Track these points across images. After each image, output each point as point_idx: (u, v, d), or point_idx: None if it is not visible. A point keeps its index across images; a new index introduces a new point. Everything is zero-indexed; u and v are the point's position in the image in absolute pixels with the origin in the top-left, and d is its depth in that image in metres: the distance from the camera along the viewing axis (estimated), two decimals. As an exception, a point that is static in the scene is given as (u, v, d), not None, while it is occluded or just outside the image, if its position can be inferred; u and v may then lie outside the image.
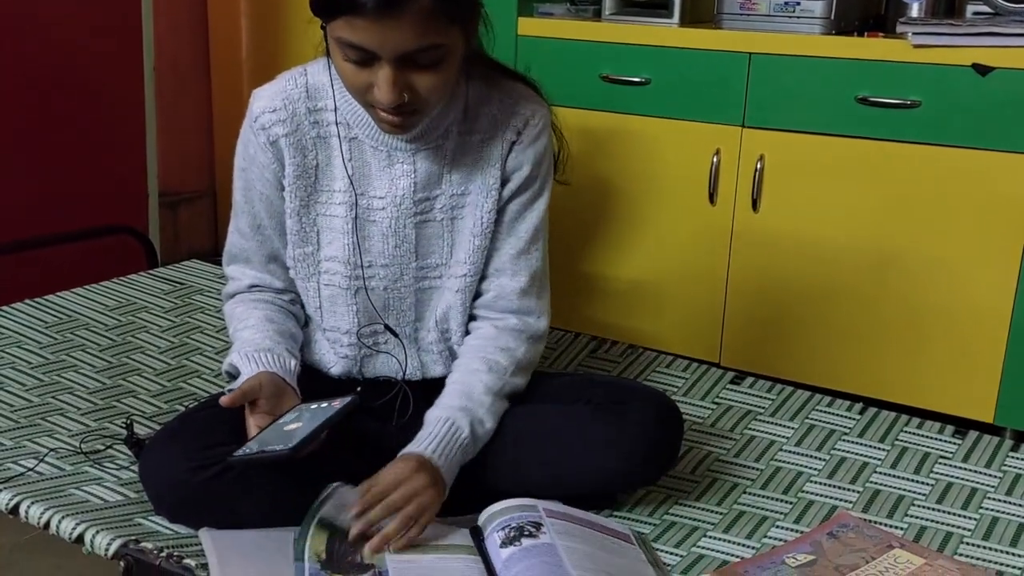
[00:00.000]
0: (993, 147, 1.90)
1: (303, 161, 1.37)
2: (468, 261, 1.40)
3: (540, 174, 1.42)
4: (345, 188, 1.37)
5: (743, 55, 2.10)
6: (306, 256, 1.41)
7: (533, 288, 1.43)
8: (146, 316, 1.94)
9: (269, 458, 1.17)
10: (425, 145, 1.37)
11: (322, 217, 1.39)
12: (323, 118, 1.37)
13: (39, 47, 2.41)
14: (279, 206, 1.40)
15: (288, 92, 1.37)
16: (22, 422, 1.52)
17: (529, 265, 1.42)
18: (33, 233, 2.27)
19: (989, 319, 1.96)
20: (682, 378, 1.81)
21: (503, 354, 1.39)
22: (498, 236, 1.42)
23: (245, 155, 1.40)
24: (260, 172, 1.39)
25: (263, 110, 1.36)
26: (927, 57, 1.92)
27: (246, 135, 1.39)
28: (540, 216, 1.43)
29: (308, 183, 1.38)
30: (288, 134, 1.36)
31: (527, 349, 1.42)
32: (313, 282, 1.42)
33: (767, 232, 2.14)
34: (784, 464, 1.55)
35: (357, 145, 1.37)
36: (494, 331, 1.41)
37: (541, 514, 1.26)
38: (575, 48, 2.28)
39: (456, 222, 1.40)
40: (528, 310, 1.43)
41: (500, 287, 1.42)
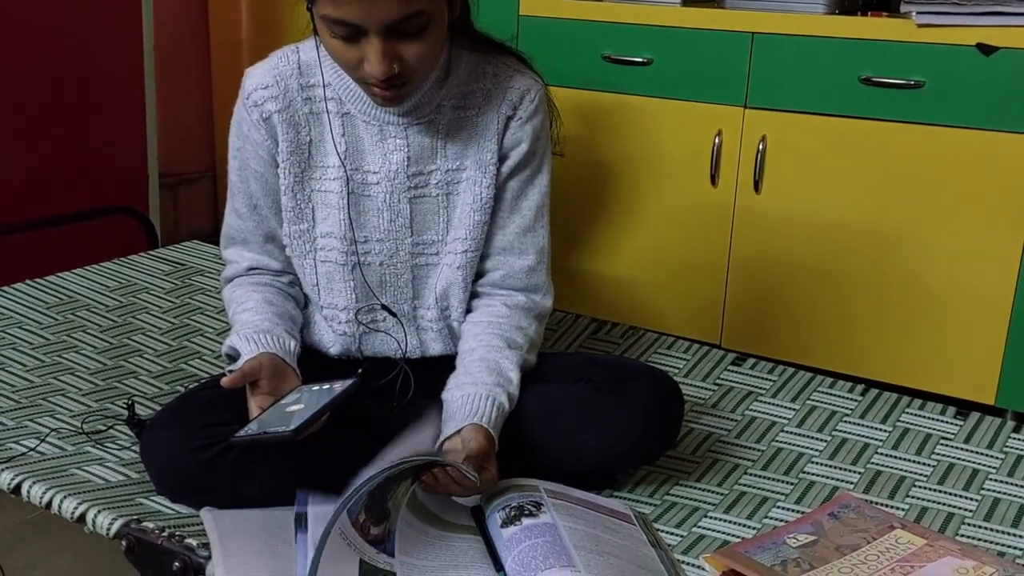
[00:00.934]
0: (997, 128, 1.89)
1: (296, 137, 1.37)
2: (469, 237, 1.40)
3: (539, 150, 1.42)
4: (339, 163, 1.37)
5: (746, 35, 2.09)
6: (302, 233, 1.40)
7: (541, 265, 1.44)
8: (147, 297, 1.94)
9: (271, 439, 1.16)
10: (417, 119, 1.36)
11: (317, 193, 1.39)
12: (315, 94, 1.37)
13: (38, 28, 2.40)
14: (274, 184, 1.40)
15: (280, 69, 1.37)
16: (23, 402, 1.52)
17: (536, 243, 1.43)
18: (34, 214, 2.27)
19: (991, 300, 1.95)
20: (683, 359, 1.81)
21: (519, 332, 1.40)
22: (502, 214, 1.42)
23: (239, 134, 1.40)
24: (254, 150, 1.39)
25: (255, 87, 1.36)
26: (931, 37, 1.91)
27: (239, 114, 1.39)
28: (543, 192, 1.43)
29: (302, 159, 1.38)
30: (281, 110, 1.36)
31: (537, 328, 1.43)
32: (310, 259, 1.41)
33: (769, 213, 2.13)
34: (785, 445, 1.55)
35: (349, 120, 1.37)
36: (506, 310, 1.41)
37: (542, 494, 1.26)
38: (577, 28, 2.27)
39: (452, 198, 1.40)
40: (536, 287, 1.44)
41: (508, 266, 1.42)
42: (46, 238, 2.26)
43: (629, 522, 1.30)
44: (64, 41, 2.46)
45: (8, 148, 2.38)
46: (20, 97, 2.39)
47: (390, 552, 1.14)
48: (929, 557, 1.21)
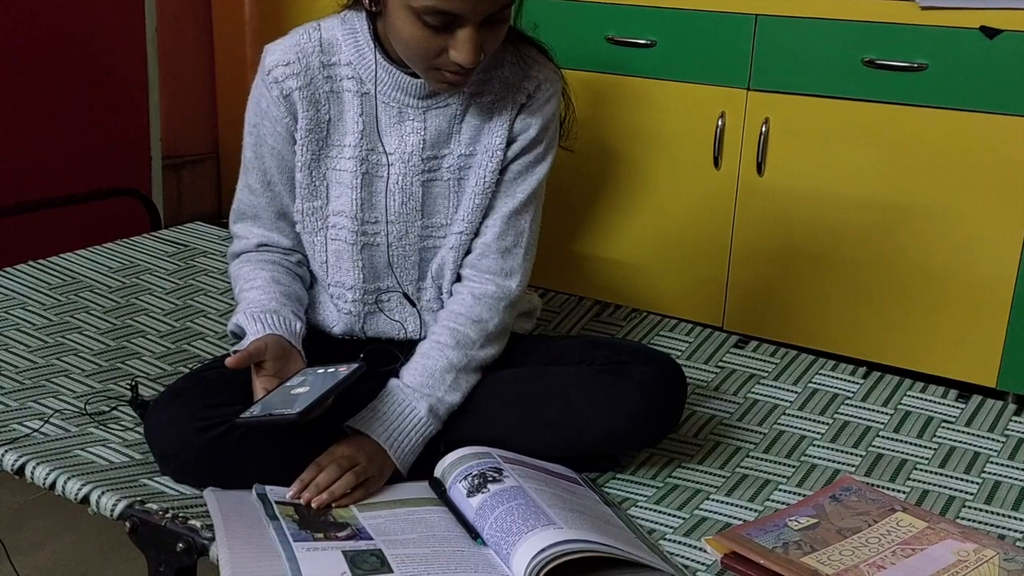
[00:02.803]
0: (1000, 111, 1.89)
1: (316, 115, 1.37)
2: (466, 219, 1.40)
3: (545, 139, 1.42)
4: (356, 143, 1.37)
5: (749, 17, 2.08)
6: (314, 210, 1.41)
7: (518, 250, 1.42)
8: (150, 278, 1.94)
9: (276, 422, 1.17)
10: (436, 104, 1.37)
11: (332, 172, 1.40)
12: (336, 73, 1.37)
13: (41, 10, 2.39)
14: (289, 160, 1.40)
15: (302, 46, 1.37)
16: (27, 384, 1.53)
17: (517, 226, 1.42)
18: (37, 195, 2.27)
19: (993, 283, 1.95)
20: (686, 342, 1.82)
21: (474, 327, 1.38)
22: (496, 194, 1.42)
23: (257, 110, 1.40)
24: (272, 126, 1.38)
25: (276, 63, 1.36)
26: (935, 19, 1.90)
27: (258, 89, 1.39)
28: (539, 180, 1.43)
29: (320, 136, 1.38)
30: (301, 87, 1.36)
31: (501, 319, 1.41)
32: (320, 236, 1.42)
33: (772, 196, 2.13)
34: (787, 428, 1.55)
35: (369, 100, 1.37)
36: (471, 299, 1.40)
37: (498, 460, 1.28)
38: (581, 9, 2.26)
39: (462, 183, 1.41)
40: (508, 272, 1.42)
41: (485, 245, 1.41)
42: (50, 219, 2.26)
43: (577, 484, 1.32)
44: (68, 23, 2.45)
45: (12, 129, 2.37)
46: (23, 79, 2.39)
47: (367, 538, 1.15)
48: (930, 540, 1.22)
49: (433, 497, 1.26)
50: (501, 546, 1.13)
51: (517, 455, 1.33)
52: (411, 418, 1.31)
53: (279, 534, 1.14)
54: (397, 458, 1.29)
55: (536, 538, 1.11)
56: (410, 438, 1.31)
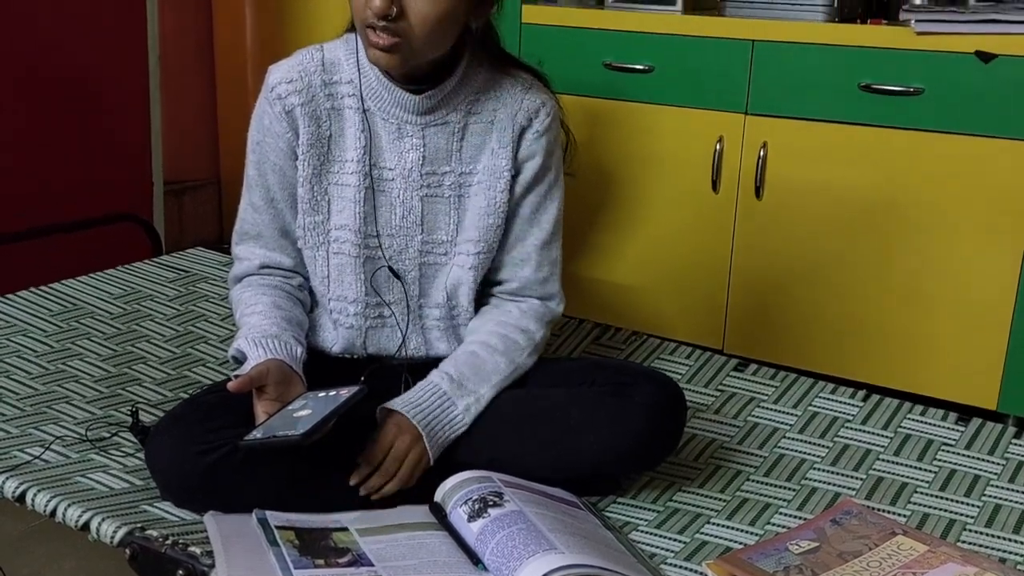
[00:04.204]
0: (996, 134, 1.90)
1: (317, 131, 1.40)
2: (482, 239, 1.43)
3: (553, 164, 1.46)
4: (357, 158, 1.40)
5: (746, 42, 2.09)
6: (316, 225, 1.43)
7: (554, 276, 1.49)
8: (151, 304, 1.95)
9: (278, 444, 1.17)
10: (434, 121, 1.40)
11: (333, 187, 1.42)
12: (337, 91, 1.41)
13: (44, 37, 2.41)
14: (292, 177, 1.42)
15: (304, 65, 1.41)
16: (28, 410, 1.53)
17: (551, 256, 1.49)
18: (39, 221, 2.27)
19: (992, 306, 1.96)
20: (686, 365, 1.82)
21: (523, 336, 1.44)
22: (521, 227, 1.46)
23: (260, 127, 1.43)
24: (275, 142, 1.41)
25: (279, 81, 1.40)
26: (930, 44, 1.92)
27: (262, 107, 1.43)
28: (559, 206, 1.48)
29: (321, 152, 1.41)
30: (304, 103, 1.39)
31: (544, 333, 1.48)
32: (322, 251, 1.44)
33: (770, 219, 2.14)
34: (787, 451, 1.55)
35: (370, 117, 1.40)
36: (518, 312, 1.47)
37: (499, 484, 1.28)
38: (579, 36, 2.28)
39: (464, 200, 1.43)
40: (550, 296, 1.50)
41: (524, 279, 1.47)
42: (51, 246, 2.27)
43: (578, 508, 1.32)
44: (70, 50, 2.47)
45: (13, 156, 2.39)
46: (26, 105, 2.40)
47: (368, 564, 1.15)
48: (931, 563, 1.22)
49: (434, 522, 1.26)
50: (502, 571, 1.13)
51: (518, 479, 1.33)
52: (450, 414, 1.35)
53: (279, 560, 1.14)
54: (432, 449, 1.33)
55: (538, 563, 1.10)
56: (445, 433, 1.34)
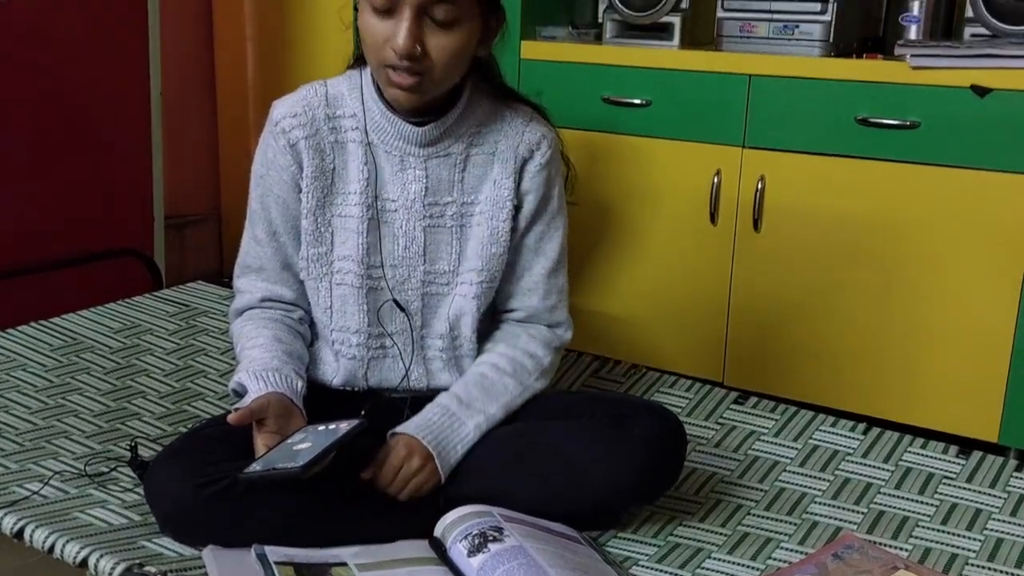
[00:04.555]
0: (992, 167, 1.91)
1: (321, 163, 1.42)
2: (485, 268, 1.45)
3: (555, 195, 1.49)
4: (360, 190, 1.42)
5: (743, 77, 2.11)
6: (319, 256, 1.44)
7: (561, 304, 1.52)
8: (151, 338, 1.95)
9: (278, 476, 1.17)
10: (437, 152, 1.42)
11: (337, 218, 1.44)
12: (341, 124, 1.43)
13: (47, 71, 2.43)
14: (295, 210, 1.44)
15: (308, 99, 1.43)
16: (27, 445, 1.52)
17: (558, 284, 1.51)
18: (39, 256, 2.28)
19: (992, 338, 1.96)
20: (685, 398, 1.82)
21: (531, 360, 1.47)
22: (527, 257, 1.48)
23: (264, 160, 1.45)
24: (279, 175, 1.43)
25: (284, 115, 1.42)
26: (926, 79, 1.93)
27: (265, 141, 1.44)
28: (563, 234, 1.51)
29: (325, 184, 1.43)
30: (308, 137, 1.41)
31: (552, 359, 1.51)
32: (325, 282, 1.45)
33: (769, 252, 2.15)
34: (788, 485, 1.55)
35: (372, 150, 1.42)
36: (526, 337, 1.49)
37: (499, 519, 1.27)
38: (577, 71, 2.30)
39: (466, 230, 1.45)
40: (558, 323, 1.52)
41: (532, 307, 1.50)
42: (52, 280, 2.28)
43: (578, 543, 1.32)
44: (73, 86, 2.49)
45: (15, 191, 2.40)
46: (28, 140, 2.42)
47: None
48: (933, 598, 1.21)
49: (433, 557, 1.26)
50: (502, 607, 1.12)
51: (518, 514, 1.33)
52: (459, 432, 1.37)
53: None
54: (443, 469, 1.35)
55: (537, 598, 1.10)
56: (456, 451, 1.36)
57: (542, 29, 2.37)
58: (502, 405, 1.41)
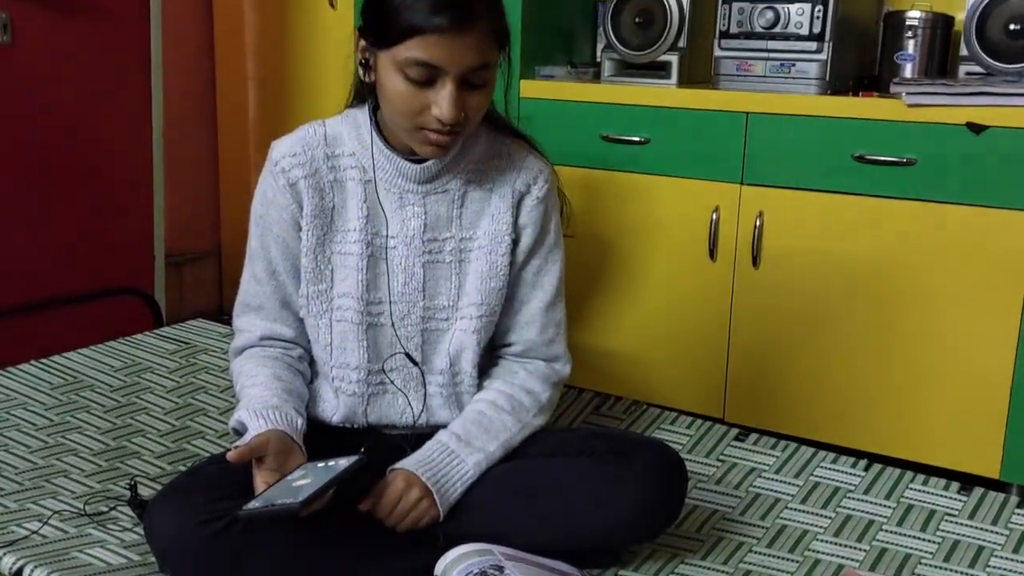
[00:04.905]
0: (989, 204, 1.92)
1: (320, 202, 1.43)
2: (485, 302, 1.45)
3: (552, 228, 1.49)
4: (359, 228, 1.43)
5: (740, 114, 2.13)
6: (319, 293, 1.45)
7: (559, 337, 1.52)
8: (151, 377, 1.95)
9: (277, 512, 1.17)
10: (435, 189, 1.43)
11: (337, 255, 1.44)
12: (339, 163, 1.44)
13: (50, 111, 2.45)
14: (294, 248, 1.45)
15: (307, 139, 1.44)
16: (26, 484, 1.52)
17: (555, 317, 1.51)
18: (40, 294, 2.29)
19: (991, 373, 1.96)
20: (686, 435, 1.81)
21: (528, 397, 1.46)
22: (524, 290, 1.49)
23: (264, 200, 1.45)
24: (278, 214, 1.44)
25: (283, 155, 1.43)
26: (921, 116, 1.95)
27: (265, 181, 1.45)
28: (560, 268, 1.51)
29: (324, 223, 1.44)
30: (307, 176, 1.42)
31: (551, 394, 1.50)
32: (325, 319, 1.45)
33: (768, 288, 2.15)
34: (790, 522, 1.54)
35: (371, 188, 1.43)
36: (524, 373, 1.49)
37: (499, 557, 1.27)
38: (576, 109, 2.32)
39: (464, 265, 1.45)
40: (555, 357, 1.52)
41: (529, 341, 1.50)
42: (52, 318, 2.28)
43: None
44: (76, 125, 2.51)
45: (16, 229, 2.41)
46: (30, 179, 2.43)
47: None
48: (936, 636, 1.20)
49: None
50: (503, 646, 1.11)
51: (518, 552, 1.32)
52: (459, 470, 1.37)
53: None
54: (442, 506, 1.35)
55: (538, 638, 1.09)
56: (455, 488, 1.36)
57: (541, 68, 2.40)
58: (501, 443, 1.41)
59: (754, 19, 2.14)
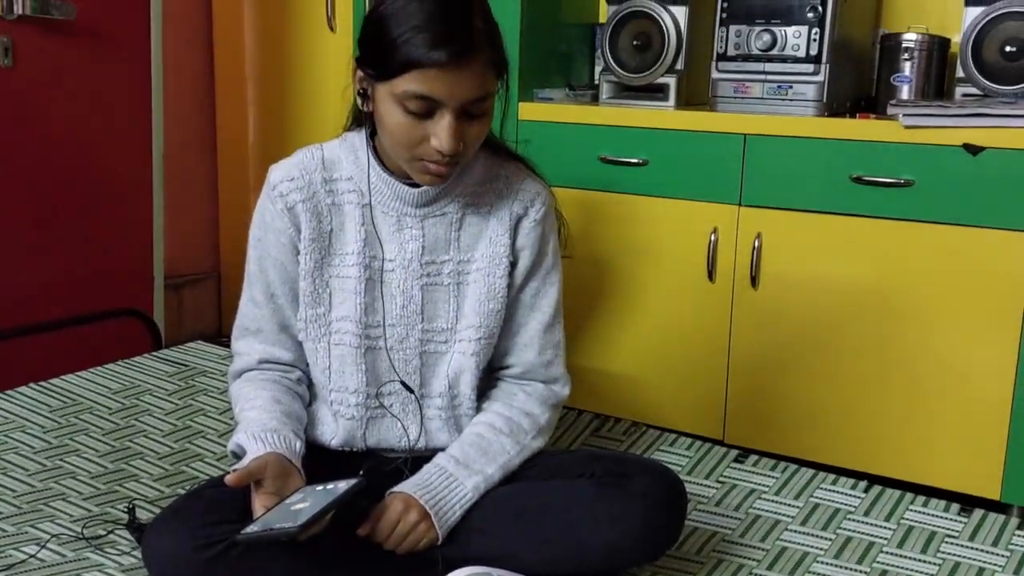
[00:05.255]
0: (986, 224, 1.93)
1: (318, 226, 1.43)
2: (483, 325, 1.45)
3: (550, 250, 1.49)
4: (358, 251, 1.43)
5: (738, 136, 2.14)
6: (318, 317, 1.44)
7: (558, 359, 1.51)
8: (150, 399, 1.95)
9: (275, 536, 1.16)
10: (433, 212, 1.43)
11: (335, 279, 1.44)
12: (337, 187, 1.44)
13: (51, 134, 2.46)
14: (292, 272, 1.45)
15: (305, 163, 1.44)
16: (24, 508, 1.52)
17: (553, 339, 1.51)
18: (39, 317, 2.29)
19: (991, 394, 1.96)
20: (686, 456, 1.81)
21: (527, 419, 1.46)
22: (523, 312, 1.48)
23: (261, 223, 1.46)
24: (276, 238, 1.44)
25: (281, 179, 1.43)
26: (918, 137, 1.96)
27: (263, 204, 1.46)
28: (558, 289, 1.51)
29: (322, 246, 1.44)
30: (305, 200, 1.42)
31: (550, 416, 1.50)
32: (323, 343, 1.45)
33: (767, 309, 2.15)
34: (790, 544, 1.54)
35: (369, 211, 1.43)
36: (523, 396, 1.49)
37: None
38: (574, 131, 2.33)
39: (462, 288, 1.45)
40: (554, 379, 1.51)
41: (528, 363, 1.49)
42: (51, 341, 2.28)
43: None
44: (76, 148, 2.52)
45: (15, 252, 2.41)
46: (29, 200, 2.44)
47: None
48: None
49: None
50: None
51: (517, 575, 1.31)
52: (458, 493, 1.37)
53: None
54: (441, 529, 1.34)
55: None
56: (454, 511, 1.36)
57: (539, 91, 2.41)
58: (500, 466, 1.41)
59: (751, 41, 2.16)
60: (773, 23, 2.13)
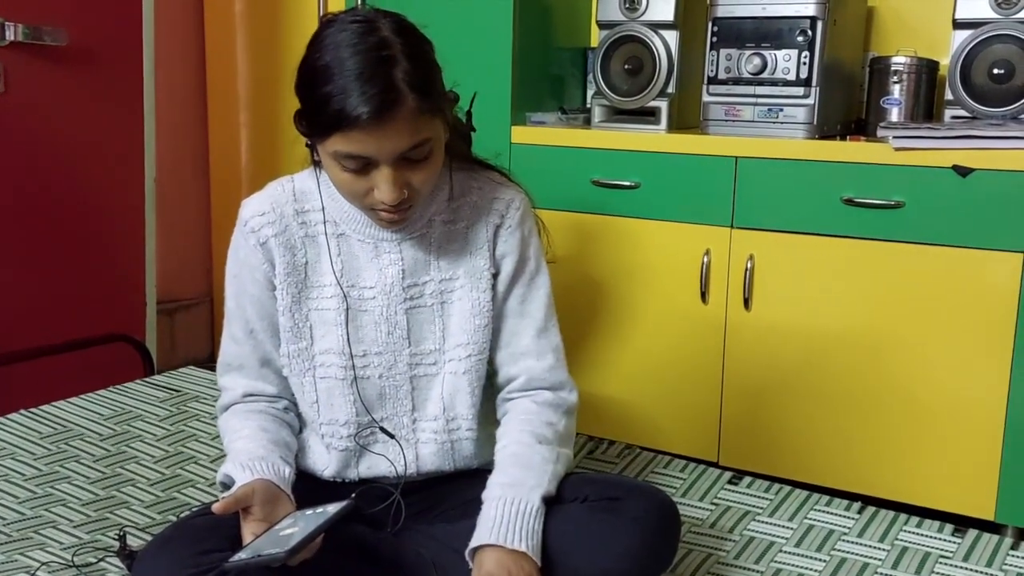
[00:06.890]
0: (976, 245, 1.93)
1: (292, 259, 1.41)
2: (471, 341, 1.43)
3: (532, 254, 1.47)
4: (335, 282, 1.41)
5: (729, 159, 2.15)
6: (300, 352, 1.43)
7: (560, 363, 1.47)
8: (141, 425, 1.94)
9: (265, 562, 1.15)
10: (410, 235, 1.42)
11: (314, 312, 1.43)
12: (310, 219, 1.42)
13: (43, 158, 2.47)
14: (270, 307, 1.43)
15: (276, 197, 1.43)
16: (14, 535, 1.51)
17: (551, 343, 1.46)
18: (30, 342, 2.28)
19: (984, 414, 1.96)
20: (680, 478, 1.81)
21: (548, 428, 1.41)
22: (512, 320, 1.45)
23: (236, 260, 1.44)
24: (251, 274, 1.42)
25: (252, 214, 1.42)
26: (908, 159, 1.97)
27: (236, 241, 1.44)
28: (547, 292, 1.48)
29: (299, 280, 1.42)
30: (277, 234, 1.41)
31: (566, 423, 1.45)
32: (309, 377, 1.43)
33: (760, 330, 2.16)
34: (784, 566, 1.53)
35: (345, 240, 1.42)
36: (535, 407, 1.44)
37: None
38: (567, 154, 2.34)
39: (447, 307, 1.43)
40: (560, 384, 1.46)
41: (529, 370, 1.45)
42: (43, 367, 2.27)
43: None
44: (68, 172, 2.52)
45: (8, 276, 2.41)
46: (21, 225, 2.44)
47: None
48: None
49: None
50: None
51: None
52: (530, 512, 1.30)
53: None
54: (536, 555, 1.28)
55: None
56: (536, 532, 1.29)
57: (532, 115, 2.42)
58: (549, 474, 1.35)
59: (742, 65, 2.17)
60: (763, 47, 2.15)
